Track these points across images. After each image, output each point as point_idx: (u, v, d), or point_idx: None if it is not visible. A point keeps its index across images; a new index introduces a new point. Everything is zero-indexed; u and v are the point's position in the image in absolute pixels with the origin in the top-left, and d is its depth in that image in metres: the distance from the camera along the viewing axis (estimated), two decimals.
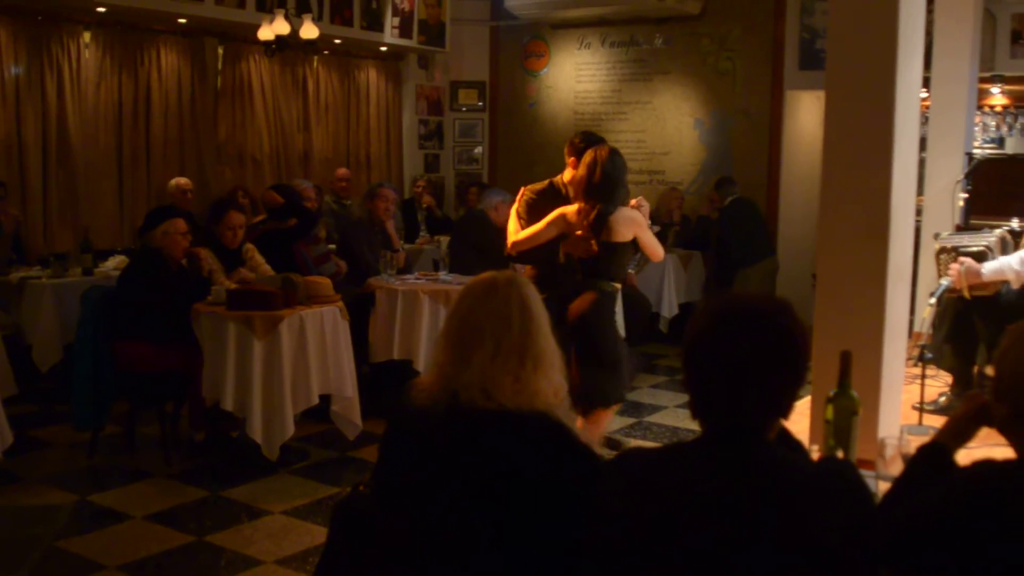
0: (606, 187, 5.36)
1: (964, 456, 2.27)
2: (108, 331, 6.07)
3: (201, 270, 6.27)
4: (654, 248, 5.61)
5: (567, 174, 5.83)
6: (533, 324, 2.56)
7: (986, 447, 2.35)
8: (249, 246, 6.83)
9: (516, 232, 5.75)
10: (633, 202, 5.57)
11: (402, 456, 2.59)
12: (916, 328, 5.07)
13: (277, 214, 7.57)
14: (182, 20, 9.18)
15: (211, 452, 6.20)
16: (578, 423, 5.34)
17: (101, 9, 8.51)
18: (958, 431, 2.33)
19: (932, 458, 2.29)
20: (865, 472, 2.71)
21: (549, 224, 5.49)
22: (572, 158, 5.78)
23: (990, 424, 2.25)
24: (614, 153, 5.48)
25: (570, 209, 5.47)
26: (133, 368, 6.03)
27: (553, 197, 5.78)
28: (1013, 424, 2.09)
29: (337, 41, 10.56)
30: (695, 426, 2.07)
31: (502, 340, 2.52)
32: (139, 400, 6.25)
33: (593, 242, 5.37)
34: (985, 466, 2.03)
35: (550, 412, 2.50)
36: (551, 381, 2.56)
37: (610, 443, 6.39)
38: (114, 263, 7.76)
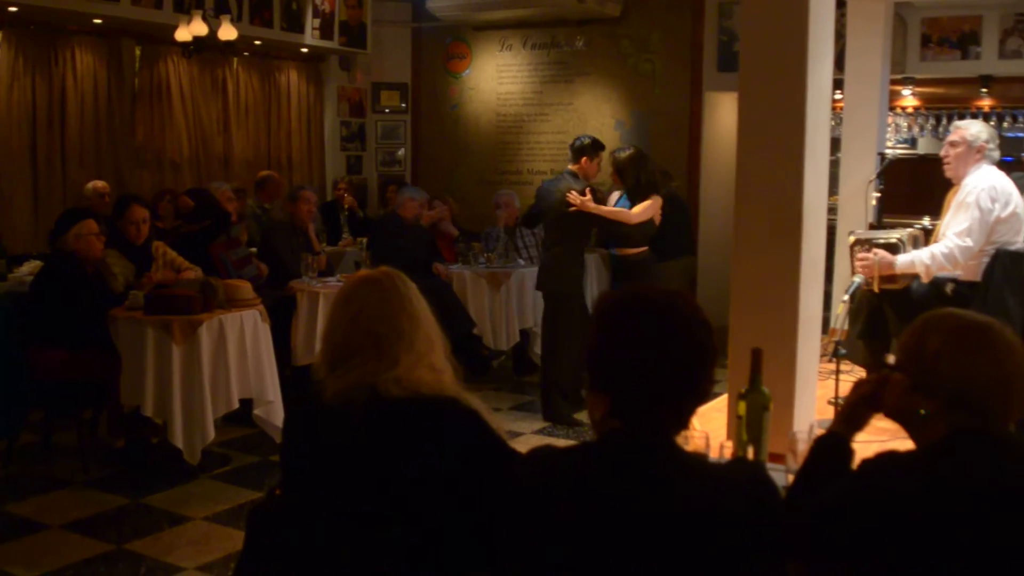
0: None
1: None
2: (22, 338, 5.96)
3: (111, 281, 6.17)
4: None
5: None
6: (421, 312, 2.64)
7: (898, 440, 2.39)
8: (158, 243, 6.71)
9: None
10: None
11: (319, 457, 2.57)
12: (832, 325, 5.18)
13: (191, 217, 7.48)
14: (97, 20, 9.01)
15: (131, 459, 6.10)
16: None
17: (13, 8, 8.32)
18: (850, 419, 2.37)
19: (829, 449, 2.33)
20: (777, 466, 2.76)
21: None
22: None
23: (878, 410, 2.30)
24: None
25: None
26: (48, 376, 5.92)
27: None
28: (936, 417, 2.10)
29: (257, 42, 10.47)
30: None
31: (415, 335, 2.57)
32: (56, 408, 6.14)
33: None
34: (886, 458, 2.08)
35: (460, 398, 2.54)
36: (446, 362, 2.64)
37: None
38: (29, 268, 7.59)
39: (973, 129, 4.84)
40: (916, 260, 4.69)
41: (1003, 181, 4.77)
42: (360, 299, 2.62)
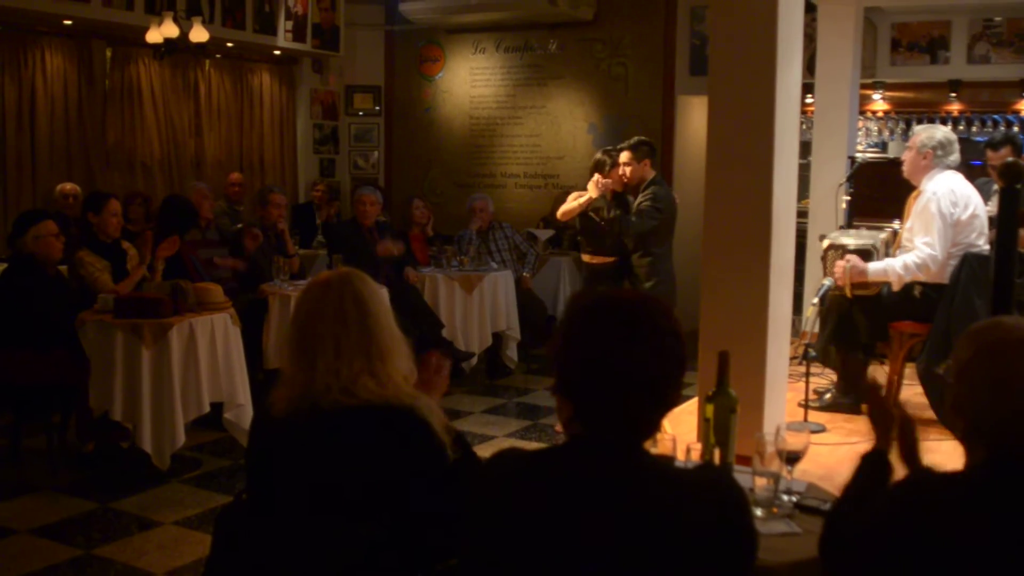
0: None
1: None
2: None
3: (98, 279, 6.14)
4: None
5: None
6: (371, 318, 2.56)
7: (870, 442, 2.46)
8: (128, 245, 6.67)
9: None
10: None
11: (272, 467, 2.59)
12: (803, 328, 5.22)
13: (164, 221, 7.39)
14: (68, 22, 8.95)
15: (100, 463, 6.06)
16: None
17: None
18: (880, 439, 2.43)
19: (874, 464, 2.38)
20: (743, 468, 2.78)
21: None
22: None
23: (891, 423, 2.41)
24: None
25: None
26: (14, 378, 5.86)
27: None
28: (970, 437, 2.04)
29: (229, 44, 10.42)
30: None
31: (341, 339, 2.51)
32: (25, 412, 6.09)
33: None
34: (917, 483, 2.06)
35: (416, 408, 2.51)
36: (400, 369, 2.59)
37: None
38: None
39: (923, 135, 4.91)
40: (889, 269, 4.76)
41: (961, 184, 4.85)
42: (302, 303, 2.63)
